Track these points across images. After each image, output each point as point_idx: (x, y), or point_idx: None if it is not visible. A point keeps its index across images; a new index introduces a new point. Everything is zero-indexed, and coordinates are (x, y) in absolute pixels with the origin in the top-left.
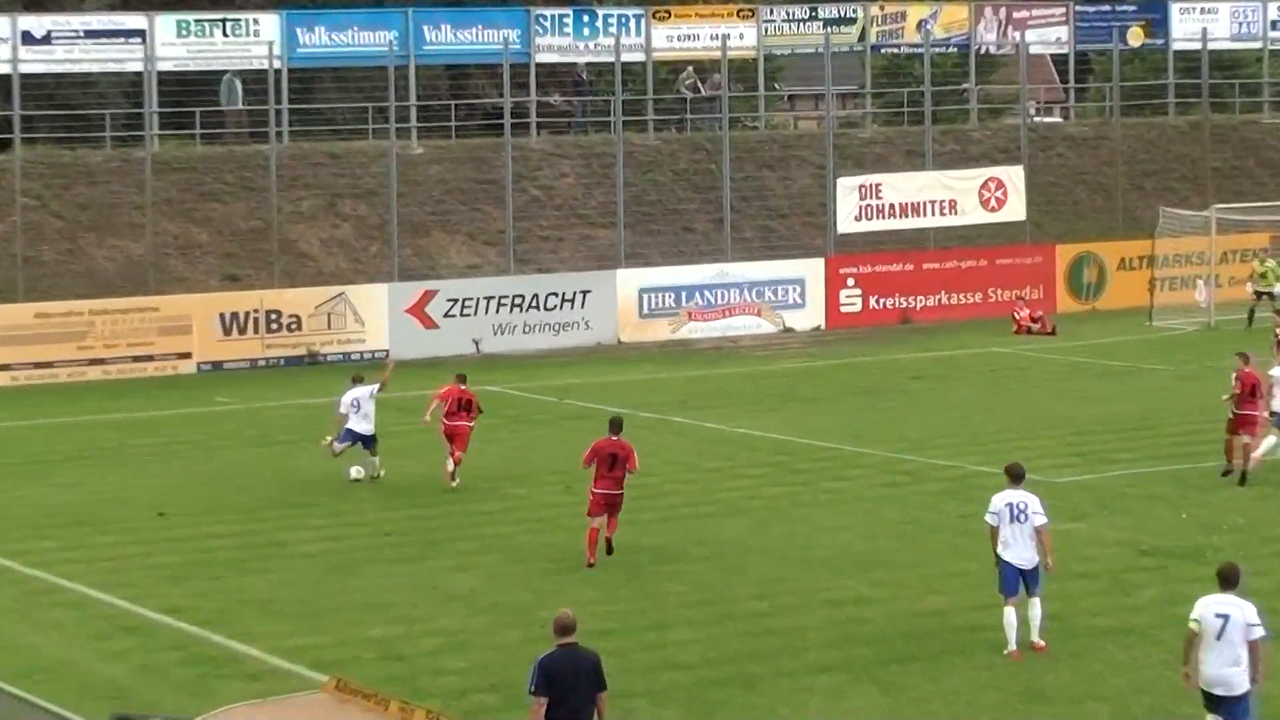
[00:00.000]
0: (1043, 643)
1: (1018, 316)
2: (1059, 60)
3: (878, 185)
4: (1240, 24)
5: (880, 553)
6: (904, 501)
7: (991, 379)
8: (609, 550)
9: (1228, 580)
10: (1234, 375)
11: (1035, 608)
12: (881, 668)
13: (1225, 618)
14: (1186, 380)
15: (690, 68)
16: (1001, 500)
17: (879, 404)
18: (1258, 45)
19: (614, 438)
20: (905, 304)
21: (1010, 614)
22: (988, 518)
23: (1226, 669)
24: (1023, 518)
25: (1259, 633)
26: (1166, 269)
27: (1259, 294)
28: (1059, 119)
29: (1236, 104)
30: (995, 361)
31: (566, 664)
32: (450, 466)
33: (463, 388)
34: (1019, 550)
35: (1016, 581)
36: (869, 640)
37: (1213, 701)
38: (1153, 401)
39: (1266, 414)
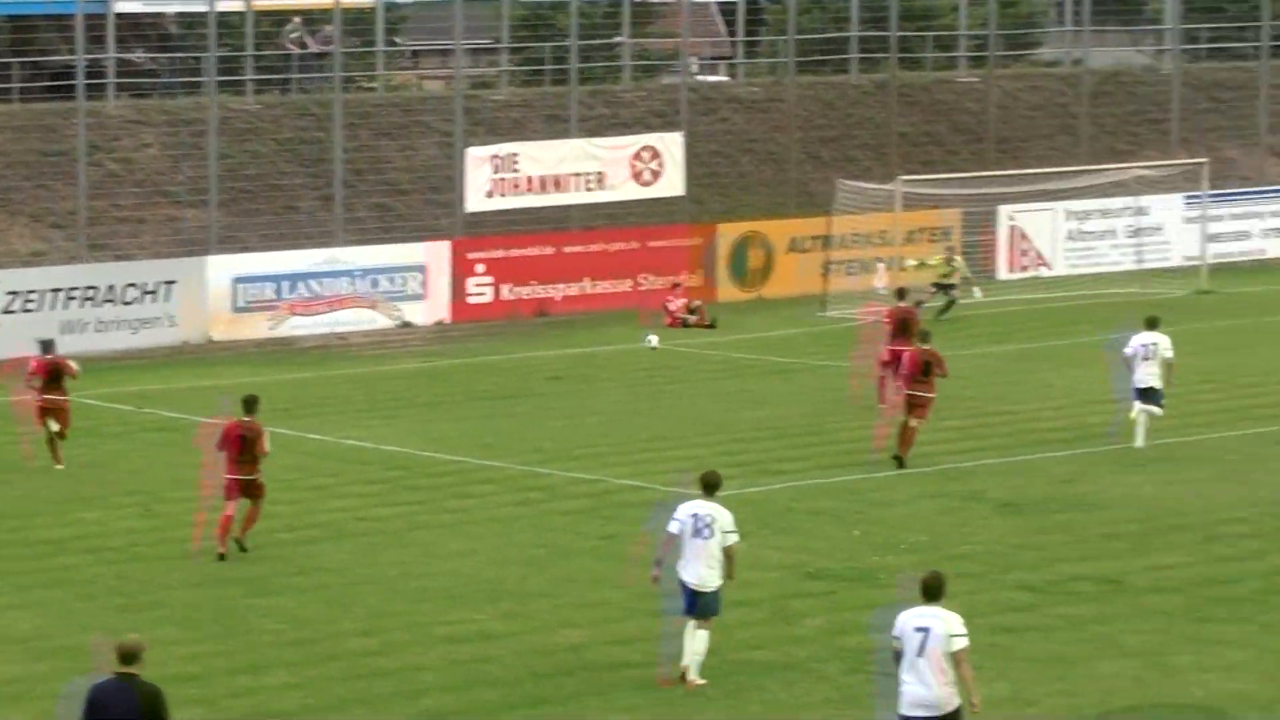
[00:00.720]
0: (698, 679)
1: (671, 307)
2: (726, 9)
3: (513, 156)
4: None
5: (509, 581)
6: (538, 522)
7: (641, 379)
8: (241, 548)
9: (930, 591)
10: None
11: (700, 640)
12: (508, 713)
13: (925, 631)
14: (862, 379)
15: (297, 19)
16: (688, 510)
17: (511, 409)
18: None
19: (246, 419)
20: (543, 294)
21: (691, 636)
22: (670, 525)
23: (928, 690)
24: (707, 533)
25: (960, 644)
26: (844, 250)
27: (938, 286)
28: (725, 78)
29: (928, 59)
30: (646, 359)
31: (114, 697)
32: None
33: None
34: (696, 569)
35: (692, 604)
36: (494, 682)
37: None
38: (824, 403)
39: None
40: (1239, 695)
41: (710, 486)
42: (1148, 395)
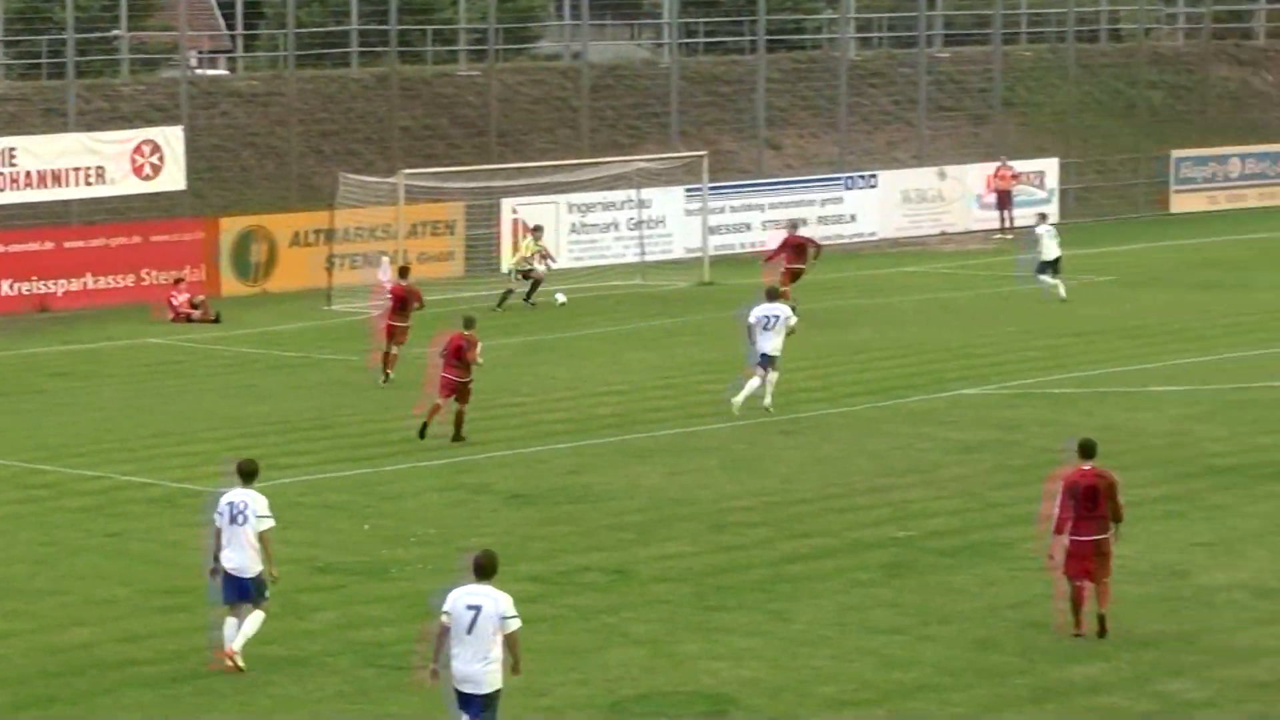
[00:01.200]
0: (238, 658)
1: (174, 302)
2: (225, 3)
3: (10, 150)
4: None
5: (14, 580)
6: (43, 519)
7: (145, 375)
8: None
9: (482, 570)
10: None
11: (252, 621)
12: (18, 713)
13: (477, 609)
14: (367, 372)
15: None
16: (225, 499)
17: (14, 406)
18: None
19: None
20: (44, 289)
21: (231, 622)
22: (215, 517)
23: (475, 665)
24: (242, 519)
25: (514, 625)
26: (347, 244)
27: (521, 273)
28: (225, 71)
29: (429, 53)
30: (149, 355)
31: None
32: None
33: None
34: (238, 556)
35: (236, 591)
36: (3, 681)
37: (462, 700)
38: (331, 397)
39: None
40: (748, 682)
41: (246, 474)
42: (768, 362)
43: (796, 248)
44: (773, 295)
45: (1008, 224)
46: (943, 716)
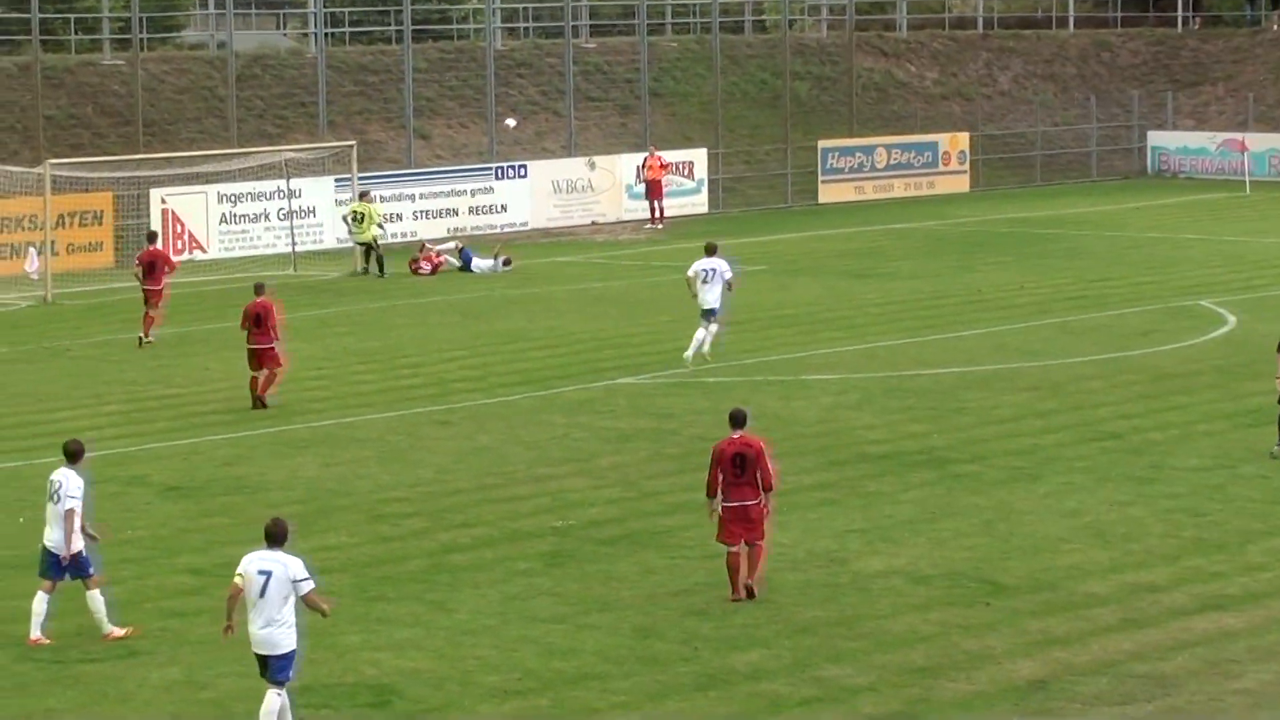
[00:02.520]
0: (116, 630)
1: None
2: None
3: None
4: None
5: None
6: None
7: None
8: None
9: (272, 537)
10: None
11: (91, 599)
12: None
13: (267, 574)
14: (20, 364)
15: None
16: (51, 475)
17: None
18: None
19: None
20: None
21: (41, 600)
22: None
23: (268, 628)
24: (55, 499)
25: (307, 586)
26: None
27: (363, 246)
28: None
29: (72, 42)
30: None
31: None
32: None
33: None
34: (51, 532)
35: (56, 566)
36: None
37: (260, 663)
38: None
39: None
40: (410, 673)
41: (69, 454)
42: (709, 315)
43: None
44: (711, 250)
45: (658, 214)
46: (606, 705)
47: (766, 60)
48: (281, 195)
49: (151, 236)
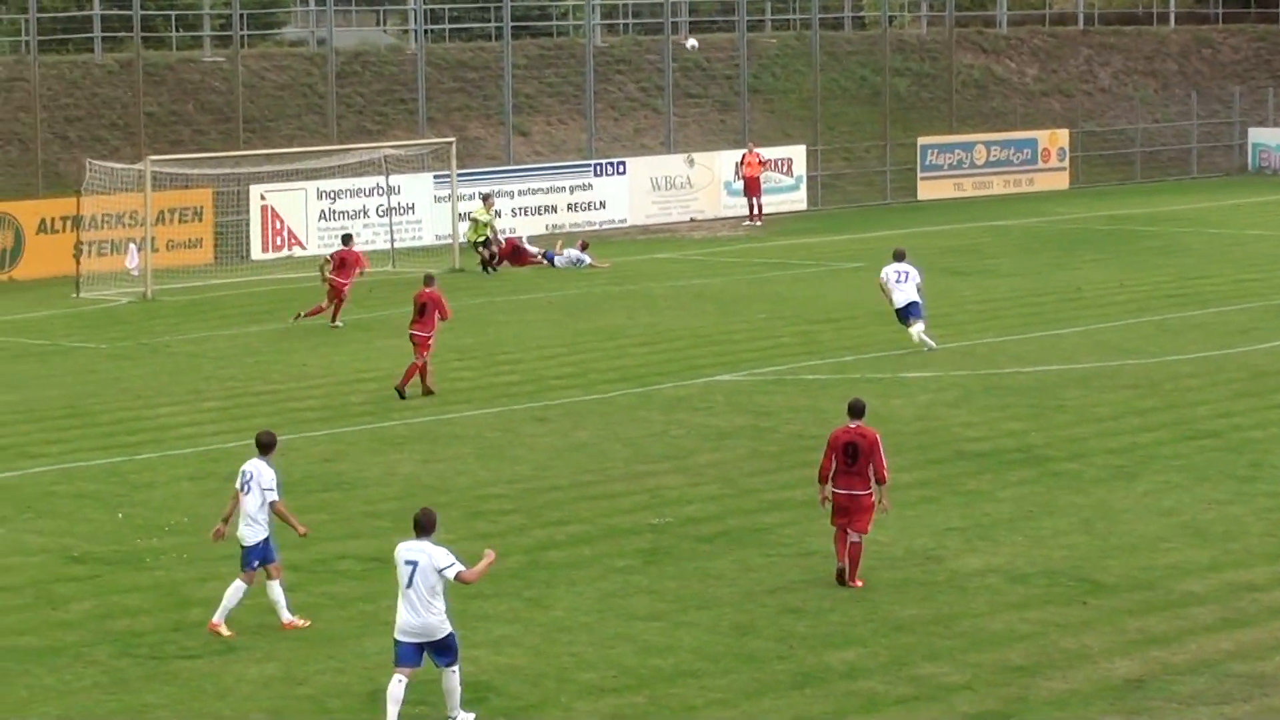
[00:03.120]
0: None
1: None
2: None
3: None
4: None
5: None
6: None
7: None
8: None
9: (420, 526)
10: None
11: (274, 590)
12: None
13: (413, 565)
14: (120, 360)
15: None
16: (242, 466)
17: None
18: None
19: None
20: None
21: (235, 590)
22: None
23: (422, 616)
24: (246, 489)
25: (452, 572)
26: (95, 231)
27: (476, 246)
28: None
29: (173, 39)
30: None
31: None
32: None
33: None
34: (241, 524)
35: (250, 556)
36: None
37: (413, 651)
38: (81, 385)
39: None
40: (506, 669)
41: (262, 445)
42: (909, 310)
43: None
44: (899, 255)
45: (757, 211)
46: (703, 702)
47: (866, 57)
48: (380, 192)
49: (346, 239)
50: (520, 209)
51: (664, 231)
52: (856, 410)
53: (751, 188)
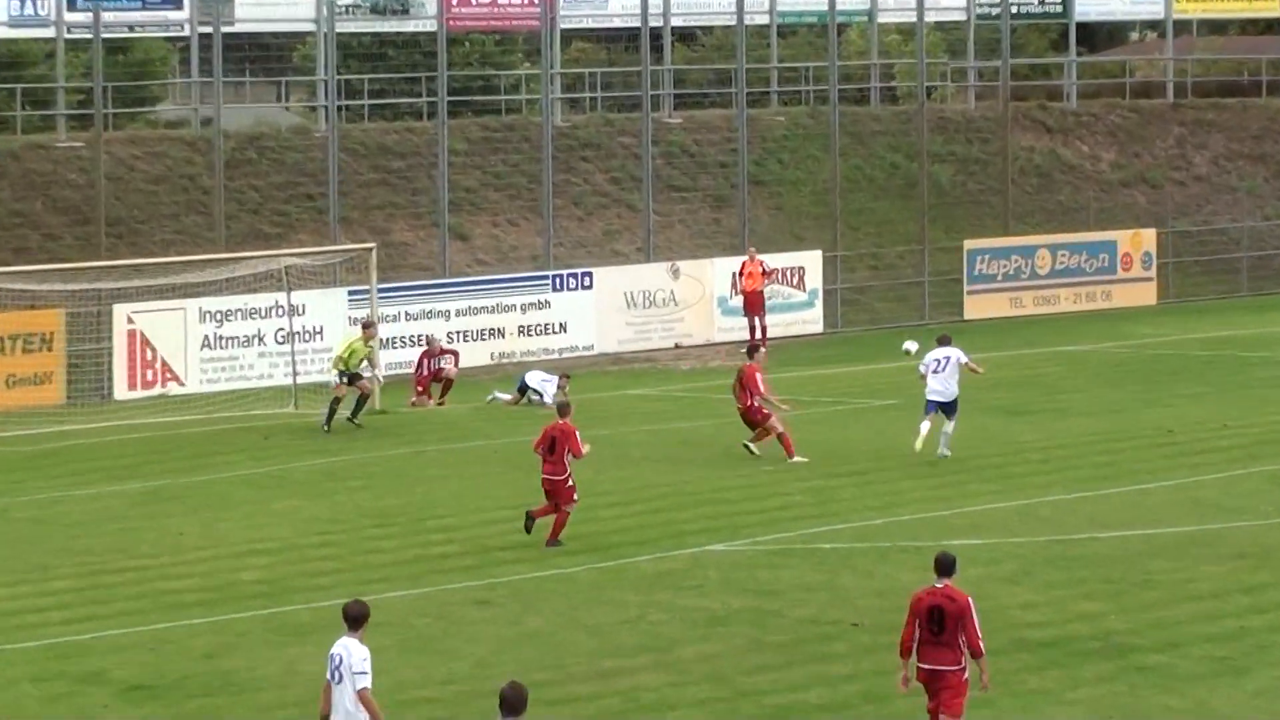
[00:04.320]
0: None
1: None
2: None
3: None
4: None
5: None
6: None
7: None
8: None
9: (510, 706)
10: None
11: None
12: None
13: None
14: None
15: None
16: (331, 650)
17: None
18: (49, 34)
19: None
20: None
21: None
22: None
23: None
24: (337, 677)
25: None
26: None
27: (345, 376)
28: None
29: (18, 119)
30: None
31: None
32: None
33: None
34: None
35: None
36: None
37: None
38: None
39: None
40: None
41: (353, 620)
42: (945, 409)
43: None
44: (944, 341)
45: (760, 334)
46: None
47: (898, 138)
48: (280, 312)
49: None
50: (458, 333)
51: (641, 361)
52: (945, 567)
53: (752, 304)
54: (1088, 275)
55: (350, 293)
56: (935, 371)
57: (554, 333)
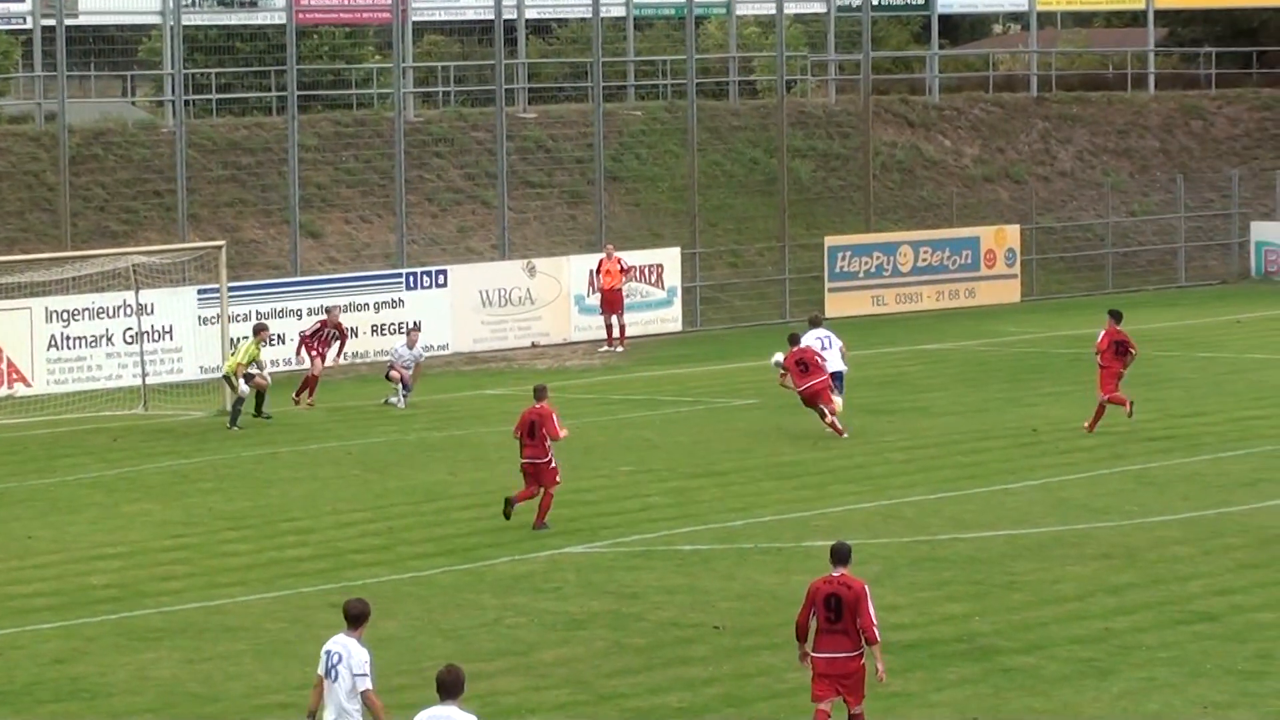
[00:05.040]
0: None
1: None
2: None
3: None
4: None
5: None
6: None
7: None
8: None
9: (444, 688)
10: None
11: None
12: None
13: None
14: None
15: None
16: (324, 647)
17: None
18: None
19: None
20: None
21: None
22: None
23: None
24: (333, 675)
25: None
26: None
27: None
28: None
29: None
30: None
31: None
32: None
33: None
34: (328, 715)
35: None
36: None
37: None
38: None
39: None
40: None
41: (353, 618)
42: (836, 379)
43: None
44: (816, 322)
45: (617, 333)
46: None
47: (758, 133)
48: (129, 311)
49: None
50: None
51: (497, 360)
52: (840, 555)
53: (610, 303)
54: (950, 272)
55: (200, 291)
56: (825, 348)
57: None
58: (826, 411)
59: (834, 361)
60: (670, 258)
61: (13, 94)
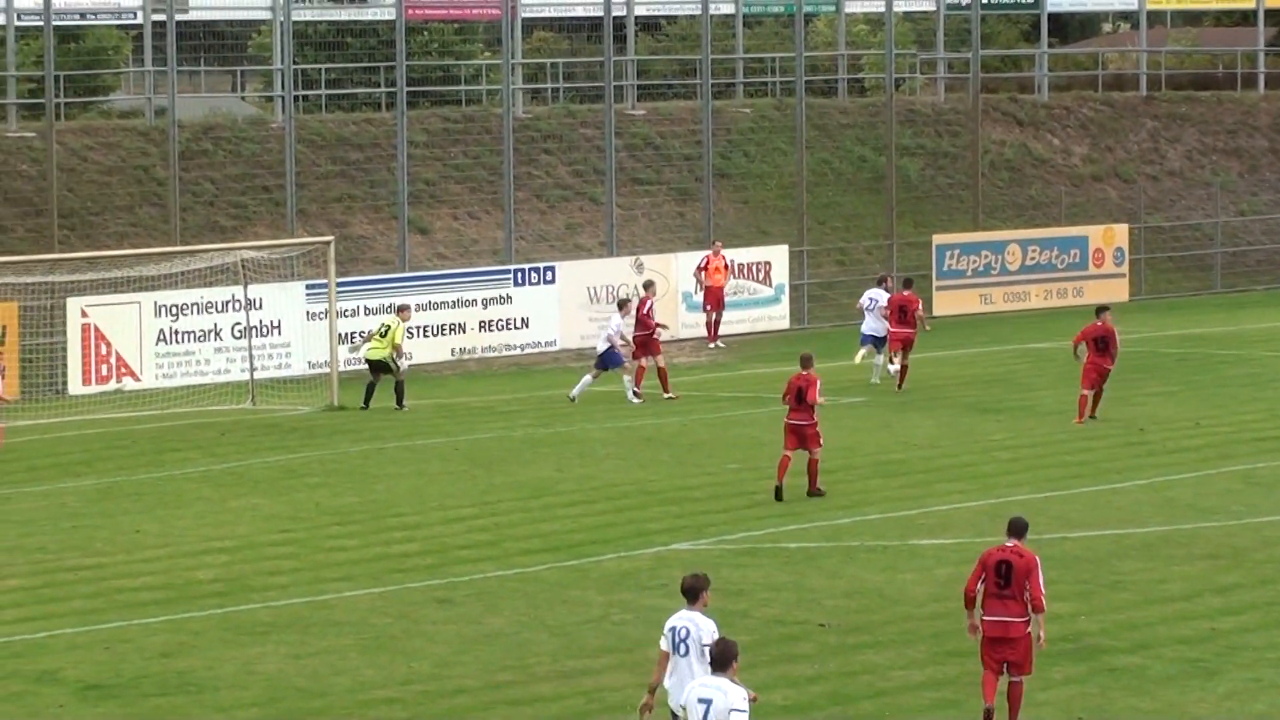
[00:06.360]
0: None
1: None
2: None
3: None
4: None
5: None
6: None
7: None
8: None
9: (716, 662)
10: None
11: None
12: None
13: (708, 703)
14: None
15: None
16: (669, 623)
17: None
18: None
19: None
20: None
21: None
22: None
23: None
24: (682, 650)
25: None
26: None
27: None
28: None
29: None
30: None
31: None
32: None
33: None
34: (678, 689)
35: None
36: None
37: None
38: None
39: None
40: None
41: (690, 593)
42: (879, 342)
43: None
44: (881, 281)
45: (714, 329)
46: None
47: (866, 131)
48: (237, 306)
49: (907, 282)
50: (418, 328)
51: None
52: (1017, 529)
53: (712, 299)
54: (1059, 271)
55: (308, 287)
56: (869, 309)
57: (516, 328)
58: (896, 359)
59: (877, 323)
60: (778, 255)
61: (123, 89)
